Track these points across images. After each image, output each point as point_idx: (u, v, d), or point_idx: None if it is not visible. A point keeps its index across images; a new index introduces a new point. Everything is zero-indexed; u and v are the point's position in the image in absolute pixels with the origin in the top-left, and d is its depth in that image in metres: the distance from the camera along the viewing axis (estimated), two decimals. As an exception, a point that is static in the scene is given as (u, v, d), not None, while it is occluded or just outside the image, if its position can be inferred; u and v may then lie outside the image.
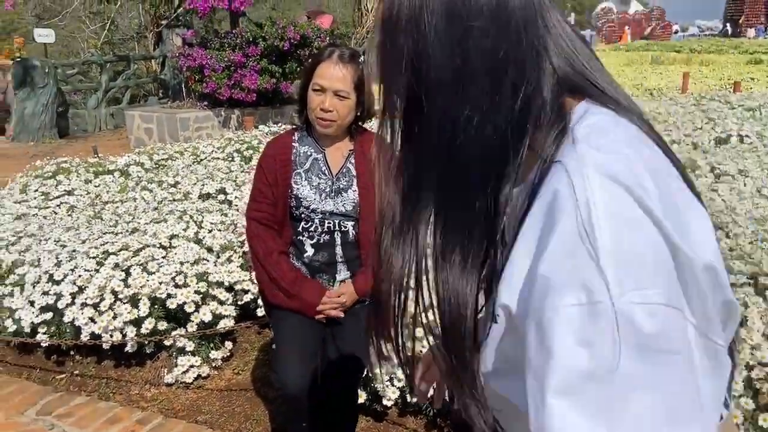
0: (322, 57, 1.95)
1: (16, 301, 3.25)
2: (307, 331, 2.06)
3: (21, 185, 4.76)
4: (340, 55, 1.93)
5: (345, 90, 1.91)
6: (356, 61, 1.95)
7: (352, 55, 1.96)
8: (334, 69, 1.91)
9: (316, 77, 1.93)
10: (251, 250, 2.08)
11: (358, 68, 1.94)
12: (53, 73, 10.34)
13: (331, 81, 1.90)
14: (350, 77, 1.92)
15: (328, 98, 1.92)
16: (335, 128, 1.99)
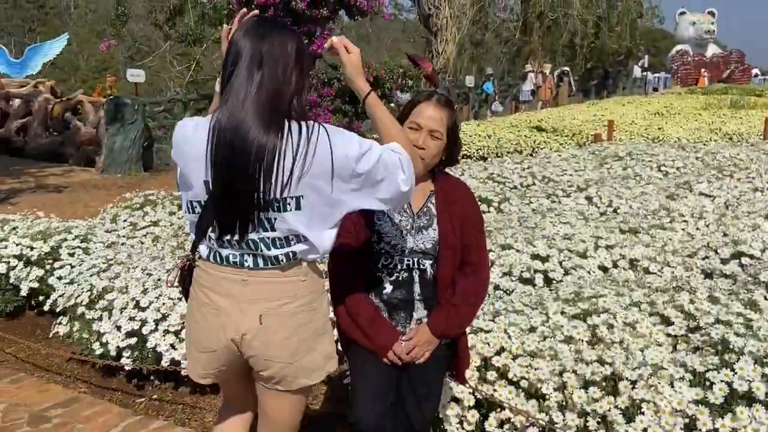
0: (421, 99, 2.07)
1: (104, 326, 3.44)
2: (382, 367, 2.09)
3: (111, 216, 5.07)
4: (438, 98, 2.06)
5: (439, 131, 2.03)
6: (452, 106, 2.08)
7: (447, 100, 2.08)
8: (432, 110, 2.03)
9: (413, 116, 2.05)
10: (331, 284, 2.14)
11: (453, 114, 2.07)
12: (142, 110, 11.00)
13: (428, 121, 2.02)
14: (445, 120, 2.04)
15: (423, 136, 2.02)
16: (423, 166, 2.06)
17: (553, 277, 3.45)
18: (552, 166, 6.70)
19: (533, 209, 5.07)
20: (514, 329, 2.62)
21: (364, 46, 40.00)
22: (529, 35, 25.06)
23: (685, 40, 39.51)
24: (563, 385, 2.38)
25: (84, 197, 8.96)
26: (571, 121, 12.72)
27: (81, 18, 47.44)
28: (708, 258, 3.72)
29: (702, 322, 2.54)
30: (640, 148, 7.66)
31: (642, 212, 4.82)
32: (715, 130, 11.31)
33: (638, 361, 2.37)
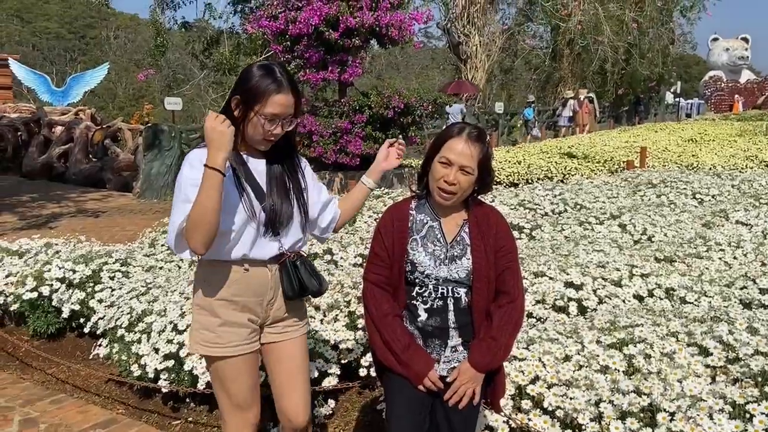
0: (453, 133, 2.06)
1: (142, 348, 3.52)
2: (417, 394, 2.11)
3: (150, 240, 5.20)
4: (469, 133, 2.04)
5: (470, 167, 2.02)
6: (483, 140, 2.06)
7: (479, 135, 2.06)
8: (463, 146, 2.02)
9: (444, 150, 2.05)
10: (366, 311, 2.17)
11: (484, 147, 2.05)
12: (178, 137, 11.29)
13: (459, 157, 2.02)
14: (476, 155, 2.03)
15: (453, 172, 2.02)
16: (454, 200, 2.09)
17: (587, 306, 3.43)
18: (584, 193, 6.67)
19: (566, 236, 5.05)
20: (549, 358, 2.61)
21: (394, 74, 40.50)
22: (558, 62, 25.09)
23: (719, 66, 39.10)
24: (599, 415, 2.36)
25: (121, 221, 9.19)
26: (602, 148, 12.64)
27: (120, 48, 49.05)
28: (746, 288, 3.65)
29: (741, 353, 2.51)
30: (674, 176, 7.57)
31: (677, 240, 4.76)
32: (751, 157, 11.11)
33: (676, 392, 2.34)
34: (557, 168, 10.55)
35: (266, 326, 2.23)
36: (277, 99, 1.98)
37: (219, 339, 2.13)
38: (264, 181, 2.13)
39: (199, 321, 2.15)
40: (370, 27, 9.33)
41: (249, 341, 2.18)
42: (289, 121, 2.05)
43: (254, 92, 1.98)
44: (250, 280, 2.13)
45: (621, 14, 23.33)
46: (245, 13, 14.21)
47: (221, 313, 2.12)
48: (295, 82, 2.08)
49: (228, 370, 2.16)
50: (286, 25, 9.47)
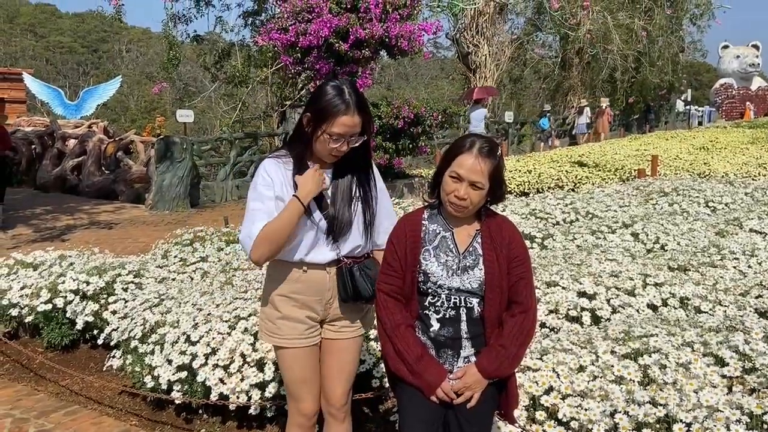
0: (464, 147, 2.05)
1: (155, 359, 3.53)
2: (430, 405, 2.10)
3: (162, 251, 5.23)
4: (480, 148, 2.03)
5: (481, 182, 2.02)
6: (494, 154, 2.04)
7: (491, 149, 2.05)
8: (473, 161, 2.01)
9: (455, 165, 2.04)
10: (379, 322, 2.17)
11: (495, 161, 2.04)
12: (190, 149, 11.37)
13: (469, 172, 2.01)
14: (487, 170, 2.02)
15: (464, 187, 2.02)
16: (465, 213, 2.09)
17: (600, 315, 3.41)
18: (596, 202, 6.64)
19: (578, 246, 5.03)
20: (563, 368, 2.60)
21: (403, 84, 40.65)
22: (568, 71, 25.07)
23: (729, 74, 38.92)
24: (615, 426, 2.34)
25: (134, 233, 9.25)
26: (613, 156, 12.60)
27: (132, 61, 49.59)
28: (761, 297, 3.62)
29: (758, 363, 2.48)
30: (686, 184, 7.53)
31: (691, 249, 4.72)
32: (764, 165, 11.03)
33: (692, 402, 2.32)
34: (568, 177, 10.52)
35: (325, 323, 2.38)
36: (343, 120, 2.10)
37: (278, 330, 2.31)
38: (328, 190, 2.26)
39: (263, 311, 2.38)
40: (380, 38, 9.39)
41: (306, 336, 2.32)
42: (355, 139, 2.17)
43: (323, 112, 2.13)
44: (308, 280, 2.28)
45: (630, 23, 23.30)
46: (256, 25, 14.34)
47: (281, 308, 2.30)
48: (363, 102, 2.18)
49: (285, 358, 2.35)
50: (297, 37, 9.54)
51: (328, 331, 2.38)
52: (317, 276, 2.28)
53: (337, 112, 2.09)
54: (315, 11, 9.46)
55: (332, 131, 2.11)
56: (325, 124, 2.11)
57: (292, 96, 12.98)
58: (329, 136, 2.12)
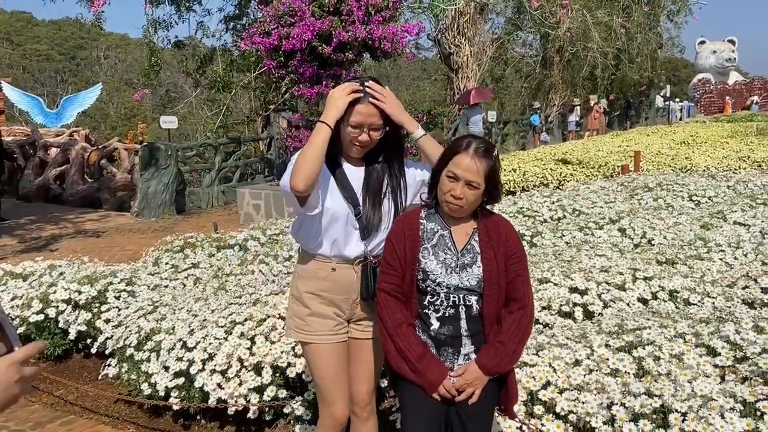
0: (460, 147, 2.10)
1: (152, 366, 3.53)
2: (431, 403, 2.13)
3: (153, 259, 5.22)
4: (476, 148, 2.08)
5: (477, 181, 2.06)
6: (490, 155, 2.09)
7: (487, 149, 2.09)
8: (469, 161, 2.06)
9: (451, 165, 2.09)
10: (380, 320, 2.19)
11: (491, 161, 2.08)
12: (175, 155, 11.32)
13: (465, 172, 2.05)
14: (483, 170, 2.06)
15: (460, 187, 2.07)
16: (462, 212, 2.13)
17: (593, 310, 3.46)
18: (582, 199, 6.72)
19: (566, 242, 5.09)
20: (559, 363, 2.64)
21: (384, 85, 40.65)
22: (549, 69, 25.29)
23: (707, 69, 39.51)
24: (612, 418, 2.39)
25: (120, 241, 9.19)
26: (596, 153, 12.73)
27: (111, 68, 49.14)
28: (748, 287, 3.70)
29: (749, 352, 2.54)
30: (669, 179, 7.64)
31: (678, 243, 4.80)
32: (744, 158, 11.20)
33: (687, 392, 2.37)
34: (552, 174, 10.62)
35: (351, 322, 2.42)
36: (359, 108, 2.18)
37: (307, 327, 2.36)
38: (359, 186, 2.32)
39: (292, 309, 2.42)
40: (363, 41, 9.41)
41: (335, 332, 2.37)
42: (376, 129, 2.23)
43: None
44: (337, 278, 2.33)
45: (609, 20, 23.57)
46: (237, 30, 14.31)
47: (310, 305, 2.35)
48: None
49: (315, 355, 2.37)
50: (279, 41, 9.52)
51: (355, 330, 2.43)
52: (346, 274, 2.34)
53: (354, 101, 2.18)
54: (297, 15, 9.45)
55: (351, 120, 2.19)
56: (346, 114, 2.19)
57: (276, 100, 12.96)
58: (350, 126, 2.21)
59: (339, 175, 2.31)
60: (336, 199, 2.28)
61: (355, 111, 2.20)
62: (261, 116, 14.05)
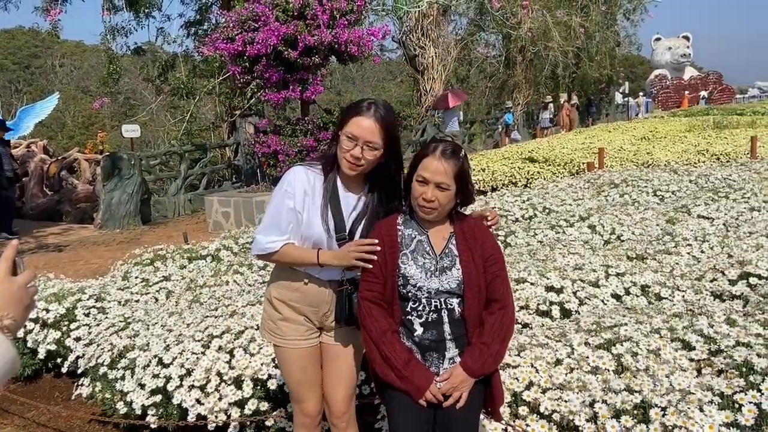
0: (428, 151, 2.14)
1: (127, 384, 3.44)
2: (418, 409, 2.13)
3: (122, 273, 5.10)
4: (443, 150, 2.12)
5: (446, 182, 2.09)
6: (457, 155, 2.13)
7: (453, 150, 2.13)
8: (437, 163, 2.09)
9: (420, 169, 2.12)
10: (364, 329, 2.19)
11: (458, 162, 2.12)
12: (138, 165, 11.10)
13: (434, 174, 2.09)
14: (451, 171, 2.10)
15: (430, 189, 2.10)
16: (435, 215, 2.16)
17: (569, 308, 3.51)
18: (551, 197, 6.81)
19: (539, 241, 5.16)
20: (541, 363, 2.67)
21: (350, 88, 40.63)
22: (512, 69, 25.64)
23: (663, 65, 40.50)
24: (594, 415, 2.42)
25: (85, 254, 8.97)
26: (561, 151, 12.92)
27: (66, 75, 47.98)
28: (716, 280, 3.80)
29: (722, 344, 2.61)
30: (634, 175, 7.81)
31: (647, 238, 4.91)
32: (702, 152, 11.51)
33: (666, 387, 2.42)
34: (520, 173, 10.74)
35: (324, 331, 2.43)
36: (358, 120, 2.17)
37: (279, 330, 2.38)
38: (349, 212, 2.30)
39: (266, 311, 2.45)
40: (329, 44, 9.38)
41: (306, 337, 2.38)
42: (372, 148, 2.18)
43: (345, 112, 2.27)
44: (308, 291, 2.34)
45: (568, 20, 23.98)
46: (199, 35, 14.11)
47: (281, 310, 2.37)
48: (388, 118, 2.22)
49: (286, 358, 2.40)
50: (244, 46, 9.43)
51: (326, 337, 2.43)
52: (316, 290, 2.33)
53: (356, 113, 2.19)
54: (261, 20, 9.37)
55: (347, 130, 2.18)
56: (344, 125, 2.20)
57: (242, 105, 12.82)
58: (345, 137, 2.18)
59: (333, 200, 2.28)
60: (323, 223, 2.27)
61: (353, 122, 2.18)
62: (227, 122, 13.89)
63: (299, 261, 2.28)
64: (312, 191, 2.27)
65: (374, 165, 2.24)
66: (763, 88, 43.16)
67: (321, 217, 2.26)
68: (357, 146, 2.17)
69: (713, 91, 38.98)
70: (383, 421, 2.91)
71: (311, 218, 2.26)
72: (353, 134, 2.17)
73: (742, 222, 5.23)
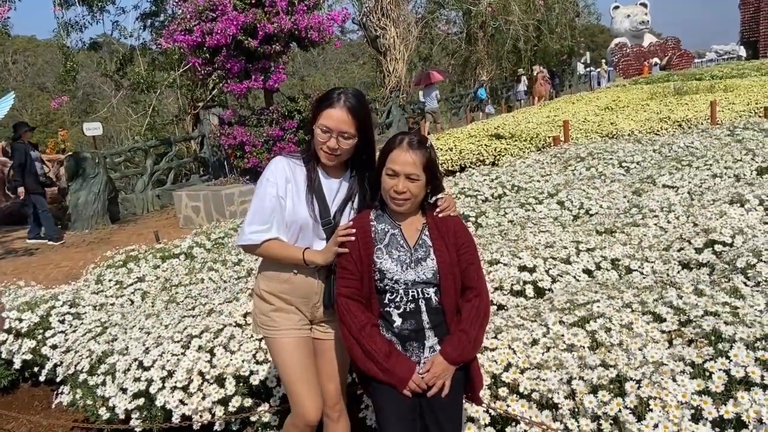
0: (395, 144, 2.17)
1: (108, 390, 3.42)
2: (403, 400, 2.17)
3: (95, 276, 5.03)
4: (410, 142, 2.16)
5: (416, 173, 2.14)
6: (424, 146, 2.17)
7: (420, 141, 2.18)
8: (405, 155, 2.13)
9: (389, 163, 2.16)
10: (344, 326, 2.21)
11: (426, 152, 2.17)
12: (103, 163, 10.89)
13: (403, 166, 2.13)
14: (419, 161, 2.14)
15: (401, 181, 2.14)
16: (408, 206, 2.19)
17: (542, 287, 3.58)
18: (519, 174, 6.89)
19: (510, 220, 5.23)
20: (518, 344, 2.73)
21: (312, 70, 40.22)
22: (474, 45, 25.66)
23: (622, 33, 40.86)
24: (572, 392, 2.49)
25: (54, 258, 8.81)
26: (526, 126, 13.03)
27: (20, 73, 46.51)
28: (683, 249, 3.90)
29: (692, 315, 2.70)
30: (599, 147, 7.93)
31: (615, 211, 5.01)
32: (665, 119, 11.70)
33: (639, 360, 2.50)
34: (488, 151, 10.82)
35: (315, 323, 2.45)
36: (330, 112, 2.19)
37: (272, 322, 2.39)
38: (332, 198, 2.34)
39: (256, 306, 2.45)
40: (289, 31, 9.27)
41: (299, 327, 2.40)
42: (347, 137, 2.22)
43: (317, 104, 2.28)
44: (297, 282, 2.35)
45: (527, -7, 24.09)
46: (156, 27, 13.79)
47: (272, 301, 2.39)
48: (359, 107, 2.25)
49: (281, 351, 2.39)
50: (203, 37, 9.27)
51: (317, 331, 2.45)
52: (306, 280, 2.35)
53: (327, 104, 2.20)
54: (219, 9, 9.21)
55: (321, 123, 2.20)
56: (318, 118, 2.22)
57: (204, 97, 12.62)
58: (319, 129, 2.21)
59: (315, 186, 2.32)
60: (308, 209, 2.30)
61: (326, 114, 2.20)
62: (190, 115, 13.66)
63: (283, 258, 2.29)
64: (294, 179, 2.30)
65: (352, 152, 2.29)
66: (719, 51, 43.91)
67: (306, 204, 2.29)
68: (332, 138, 2.21)
69: (672, 56, 39.54)
70: (366, 410, 2.95)
71: (296, 206, 2.28)
72: (327, 126, 2.20)
73: (706, 189, 5.37)
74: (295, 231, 2.31)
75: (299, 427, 2.46)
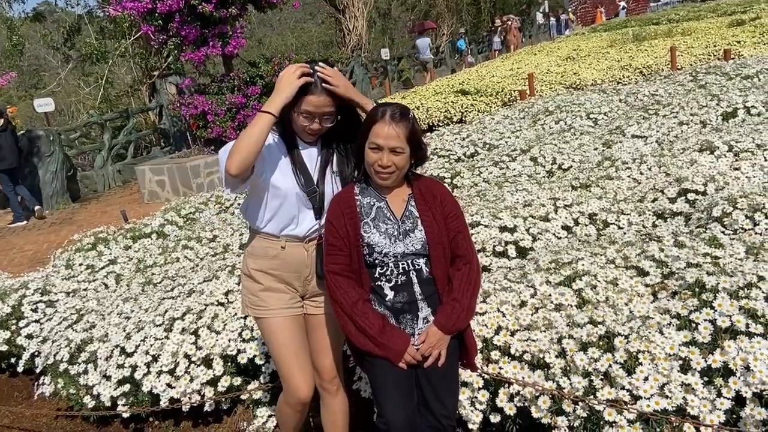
0: (377, 117, 2.11)
1: (91, 378, 3.35)
2: (400, 372, 2.18)
3: (64, 261, 4.88)
4: (392, 114, 2.10)
5: (400, 146, 2.09)
6: (407, 117, 2.12)
7: (402, 112, 2.13)
8: (388, 128, 2.08)
9: (372, 136, 2.11)
10: (335, 303, 2.19)
11: (408, 123, 2.12)
12: (58, 140, 10.49)
13: (387, 140, 2.08)
14: (403, 134, 2.10)
15: (385, 155, 2.10)
16: (394, 179, 2.16)
17: (524, 246, 3.60)
18: (489, 132, 6.87)
19: (484, 180, 5.22)
20: (507, 307, 2.74)
21: (268, 31, 39.16)
22: (433, -1, 25.31)
23: (578, -20, 40.71)
24: (563, 351, 2.52)
25: (17, 242, 8.53)
26: (491, 80, 12.96)
27: (-40, 48, 44.30)
28: (657, 200, 3.95)
29: (674, 267, 2.74)
30: (566, 100, 7.93)
31: (588, 165, 5.03)
32: (626, 67, 11.75)
33: (626, 315, 2.54)
34: (454, 108, 10.75)
35: (306, 299, 2.43)
36: (310, 99, 2.15)
37: (261, 302, 2.37)
38: (313, 166, 2.31)
39: (245, 286, 2.43)
40: (245, -7, 8.96)
41: (290, 306, 2.39)
42: (328, 118, 2.21)
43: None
44: (286, 256, 2.33)
45: (484, -58, 23.70)
46: (102, -7, 13.17)
47: (262, 280, 2.36)
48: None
49: (272, 330, 2.38)
50: (153, 3, 8.88)
51: (309, 307, 2.44)
52: (295, 252, 2.33)
53: (305, 92, 2.15)
54: (169, -28, 8.81)
55: (302, 109, 2.17)
56: (297, 104, 2.17)
57: (159, 66, 12.18)
58: (301, 115, 2.19)
59: (295, 155, 2.28)
60: (290, 178, 2.26)
61: (306, 101, 2.16)
62: (146, 85, 13.19)
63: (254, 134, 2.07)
64: (271, 144, 2.26)
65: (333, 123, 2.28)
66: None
67: (294, 176, 2.26)
68: (315, 122, 2.20)
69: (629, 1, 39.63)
70: (360, 382, 2.95)
71: (277, 175, 2.25)
72: (308, 111, 2.17)
73: (674, 138, 5.43)
74: (278, 201, 2.28)
75: (292, 404, 2.47)
